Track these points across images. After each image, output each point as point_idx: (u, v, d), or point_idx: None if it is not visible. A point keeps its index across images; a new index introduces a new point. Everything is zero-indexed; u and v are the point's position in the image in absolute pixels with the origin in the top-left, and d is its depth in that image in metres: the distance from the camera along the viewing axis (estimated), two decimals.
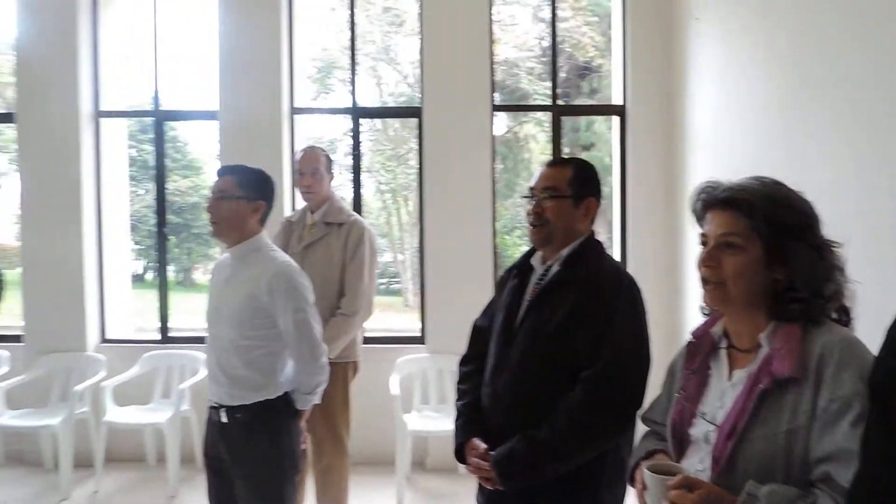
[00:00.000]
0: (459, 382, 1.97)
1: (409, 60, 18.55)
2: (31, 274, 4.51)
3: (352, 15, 4.65)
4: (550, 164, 1.85)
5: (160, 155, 4.75)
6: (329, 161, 3.17)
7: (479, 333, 1.98)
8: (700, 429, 1.29)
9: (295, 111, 4.44)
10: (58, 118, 4.43)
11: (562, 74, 14.51)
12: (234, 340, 2.06)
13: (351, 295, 2.99)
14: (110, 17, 4.66)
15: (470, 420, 1.83)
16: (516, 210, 16.75)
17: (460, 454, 1.82)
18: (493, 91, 4.37)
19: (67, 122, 4.43)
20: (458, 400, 1.93)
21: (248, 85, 4.32)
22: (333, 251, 3.02)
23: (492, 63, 4.33)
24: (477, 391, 1.86)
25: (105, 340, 4.61)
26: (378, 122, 17.92)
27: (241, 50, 4.34)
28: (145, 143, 18.19)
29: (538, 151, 15.81)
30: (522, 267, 1.87)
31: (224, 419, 2.09)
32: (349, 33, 4.69)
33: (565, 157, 2.62)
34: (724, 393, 1.28)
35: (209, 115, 4.54)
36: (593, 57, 14.07)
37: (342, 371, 3.03)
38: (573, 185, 1.77)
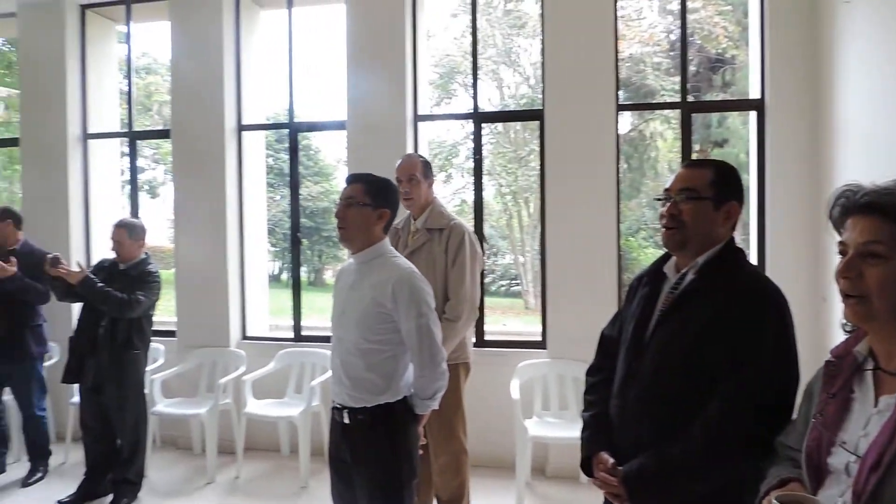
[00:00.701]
0: (586, 393, 1.91)
1: (530, 62, 18.45)
2: (182, 274, 4.96)
3: (473, 20, 4.69)
4: (689, 165, 1.74)
5: (294, 164, 5.05)
6: (427, 167, 3.19)
7: (607, 343, 1.91)
8: (840, 459, 1.17)
9: (418, 118, 4.55)
10: (206, 132, 4.84)
11: (692, 68, 13.78)
12: (357, 344, 2.13)
13: (454, 299, 3.02)
14: (251, 40, 5.03)
15: (597, 433, 1.77)
16: (641, 211, 16.13)
17: (586, 467, 1.77)
18: (617, 89, 4.24)
19: (214, 136, 4.82)
20: (584, 411, 1.87)
21: (373, 94, 4.49)
22: (436, 256, 3.06)
23: (616, 60, 4.20)
24: (604, 403, 1.79)
25: (245, 337, 4.96)
26: (499, 124, 17.99)
27: (367, 61, 4.52)
28: (281, 153, 19.44)
29: (665, 150, 15.14)
30: (654, 275, 1.77)
31: (346, 420, 2.16)
32: (471, 38, 4.74)
33: (704, 158, 2.47)
34: (868, 420, 1.15)
35: (338, 125, 4.77)
36: (726, 48, 13.21)
37: (454, 372, 3.04)
38: (714, 187, 1.65)
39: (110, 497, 3.83)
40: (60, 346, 5.00)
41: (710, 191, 1.65)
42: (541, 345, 4.38)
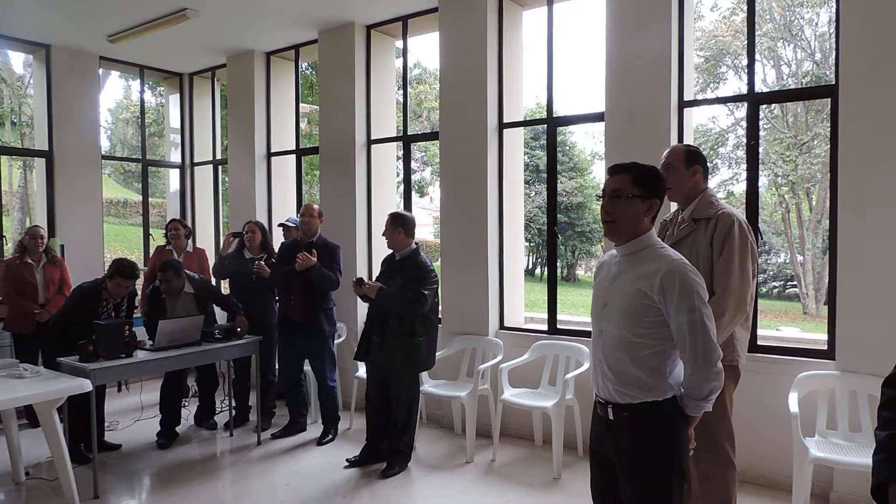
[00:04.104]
0: (882, 408, 1.61)
1: (815, 34, 16.25)
2: (447, 266, 5.33)
3: None
4: None
5: (552, 159, 5.08)
6: (689, 155, 2.94)
7: None
8: None
9: (684, 104, 4.27)
10: (470, 132, 5.13)
11: None
12: (623, 337, 2.04)
13: (719, 293, 2.75)
14: (513, 40, 5.20)
15: None
16: None
17: (880, 494, 1.49)
18: None
19: (477, 135, 5.09)
20: (879, 429, 1.57)
21: (635, 82, 4.32)
22: (700, 247, 2.82)
23: None
24: None
25: (503, 327, 5.16)
26: (776, 107, 16.14)
27: (628, 47, 4.36)
28: (535, 149, 19.87)
29: None
30: None
31: (611, 416, 2.10)
32: (746, 12, 4.29)
33: None
34: None
35: (597, 117, 4.70)
36: None
37: None
38: None
39: (384, 463, 4.28)
40: (347, 327, 5.74)
41: None
42: (827, 354, 3.83)
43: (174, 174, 7.99)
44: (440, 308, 5.33)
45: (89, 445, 4.03)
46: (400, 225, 4.25)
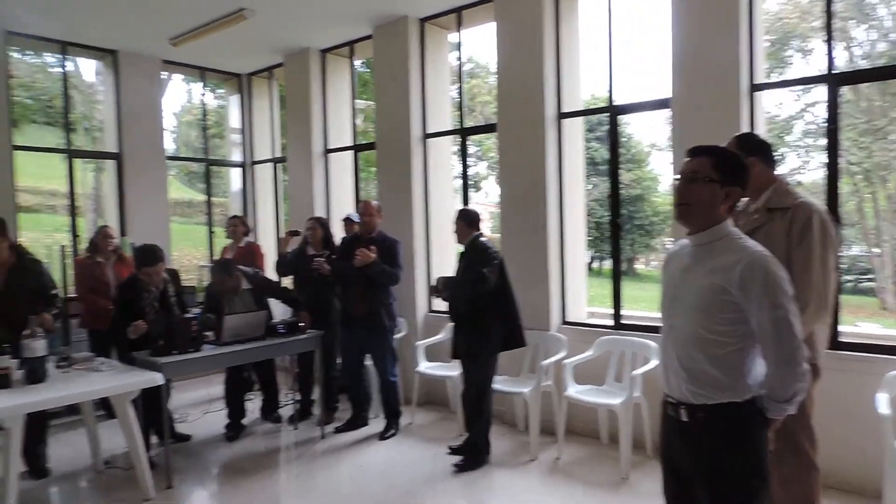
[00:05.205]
0: None
1: (890, 12, 15.41)
2: (508, 261, 5.21)
3: None
4: None
5: (614, 148, 4.92)
6: (742, 147, 2.69)
7: None
8: None
9: (754, 87, 4.06)
10: (528, 123, 5.02)
11: None
12: (696, 333, 1.92)
13: (799, 286, 2.56)
14: (570, 26, 5.06)
15: None
16: None
17: None
18: None
19: (535, 126, 4.98)
20: None
21: (702, 65, 4.13)
22: (774, 239, 2.63)
23: None
24: None
25: (565, 322, 5.05)
26: (847, 91, 15.36)
27: (695, 29, 4.17)
28: (591, 141, 19.52)
29: None
30: None
31: (684, 418, 1.98)
32: None
33: None
34: None
35: (661, 104, 4.52)
36: None
37: None
38: None
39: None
40: (407, 322, 5.73)
41: None
42: None
43: (235, 173, 8.17)
44: None
45: (161, 435, 4.15)
46: (461, 218, 4.33)
